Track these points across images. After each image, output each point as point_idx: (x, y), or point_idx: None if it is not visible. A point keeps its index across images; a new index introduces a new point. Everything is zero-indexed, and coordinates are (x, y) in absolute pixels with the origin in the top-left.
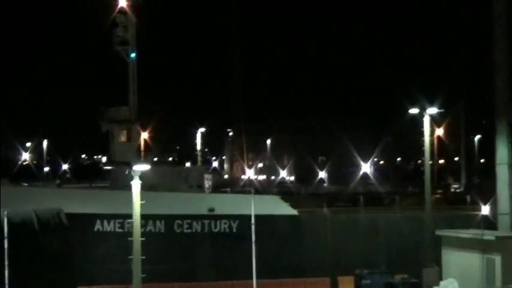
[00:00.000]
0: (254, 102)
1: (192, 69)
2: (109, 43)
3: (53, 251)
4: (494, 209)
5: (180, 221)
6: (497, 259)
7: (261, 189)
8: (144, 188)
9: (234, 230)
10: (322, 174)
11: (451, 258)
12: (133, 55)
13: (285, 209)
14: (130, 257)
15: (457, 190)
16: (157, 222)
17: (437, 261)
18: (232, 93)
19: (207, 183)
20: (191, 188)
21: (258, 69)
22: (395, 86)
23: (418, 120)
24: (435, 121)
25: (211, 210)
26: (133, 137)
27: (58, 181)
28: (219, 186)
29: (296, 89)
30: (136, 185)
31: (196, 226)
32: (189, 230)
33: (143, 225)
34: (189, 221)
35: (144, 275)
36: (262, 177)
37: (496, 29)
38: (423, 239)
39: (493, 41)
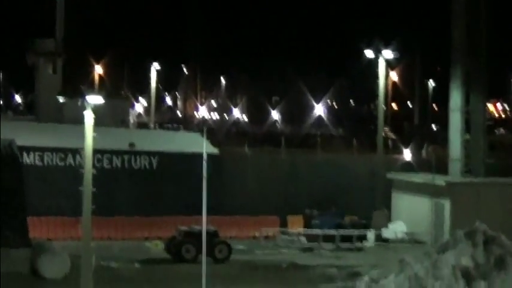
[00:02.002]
0: (209, 40)
1: (147, 4)
2: None
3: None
4: (417, 154)
5: (99, 156)
6: (447, 204)
7: (214, 127)
8: (68, 121)
9: (154, 167)
10: (276, 115)
11: (401, 201)
12: None
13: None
14: (80, 188)
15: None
16: (78, 156)
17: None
18: (187, 30)
19: (132, 119)
20: (115, 123)
21: (215, 7)
22: (351, 27)
23: (373, 63)
24: (390, 65)
25: (132, 145)
26: (58, 71)
27: (10, 113)
28: (170, 123)
29: (252, 29)
30: (89, 116)
31: (117, 161)
32: (109, 166)
33: (63, 159)
34: (109, 155)
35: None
36: (215, 116)
37: None
38: (344, 182)
39: None
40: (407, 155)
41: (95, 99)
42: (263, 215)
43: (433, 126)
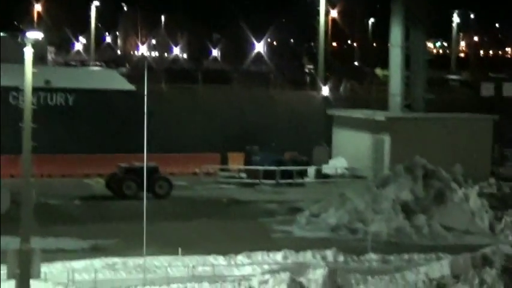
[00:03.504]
0: None
1: None
2: None
3: None
4: (334, 90)
5: (15, 93)
6: (387, 139)
7: (154, 65)
8: None
9: (70, 104)
10: (216, 52)
11: (341, 137)
12: None
13: (121, 83)
14: (21, 125)
15: (312, 71)
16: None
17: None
18: None
19: (50, 56)
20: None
21: None
22: None
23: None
24: (331, 3)
25: (48, 82)
26: None
27: None
28: (108, 62)
29: None
30: (29, 53)
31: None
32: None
33: None
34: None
35: None
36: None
37: None
38: (280, 118)
39: None
40: (325, 91)
41: (35, 35)
42: (204, 152)
43: (356, 63)
